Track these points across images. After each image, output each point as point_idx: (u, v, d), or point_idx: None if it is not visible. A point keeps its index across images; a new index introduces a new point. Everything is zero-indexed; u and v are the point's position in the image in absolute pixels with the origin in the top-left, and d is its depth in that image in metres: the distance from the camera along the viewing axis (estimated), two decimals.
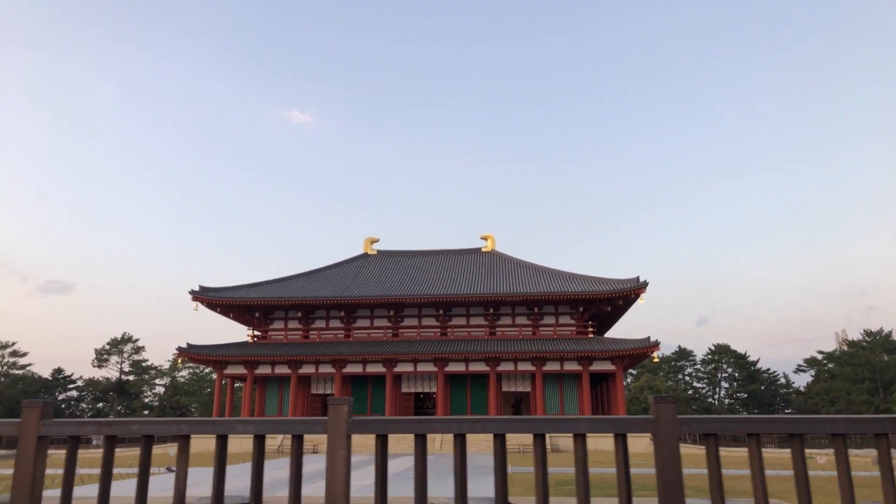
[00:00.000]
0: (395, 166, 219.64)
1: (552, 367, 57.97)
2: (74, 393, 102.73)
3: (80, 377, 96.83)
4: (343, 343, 61.70)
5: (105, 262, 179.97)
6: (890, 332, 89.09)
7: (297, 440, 3.65)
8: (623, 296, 57.89)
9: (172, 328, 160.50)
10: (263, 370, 60.67)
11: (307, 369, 60.29)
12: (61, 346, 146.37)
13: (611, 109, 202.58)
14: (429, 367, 58.91)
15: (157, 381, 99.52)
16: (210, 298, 60.40)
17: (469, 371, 58.92)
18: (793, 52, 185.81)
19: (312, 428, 3.61)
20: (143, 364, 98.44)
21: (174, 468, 3.93)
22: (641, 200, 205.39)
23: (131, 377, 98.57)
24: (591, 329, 61.24)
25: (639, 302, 58.26)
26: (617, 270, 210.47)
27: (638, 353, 56.94)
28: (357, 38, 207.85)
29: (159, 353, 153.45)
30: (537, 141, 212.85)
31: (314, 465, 19.62)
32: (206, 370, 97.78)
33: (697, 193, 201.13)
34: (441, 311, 62.30)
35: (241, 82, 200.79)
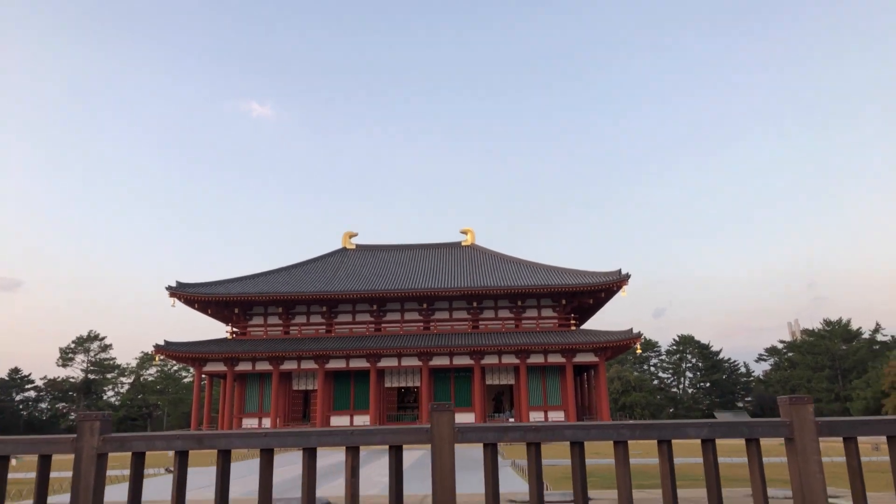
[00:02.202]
0: (366, 161, 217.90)
1: (536, 359, 58.30)
2: (33, 393, 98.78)
3: (45, 377, 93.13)
4: (325, 338, 60.91)
5: (58, 260, 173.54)
6: (849, 322, 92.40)
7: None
8: (606, 288, 58.54)
9: (136, 327, 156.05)
10: (244, 367, 59.48)
11: (289, 365, 59.36)
12: (15, 346, 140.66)
13: (570, 98, 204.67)
14: (413, 362, 58.67)
15: (122, 379, 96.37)
16: (188, 294, 58.75)
17: (453, 365, 58.88)
18: (766, 37, 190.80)
19: (778, 430, 3.36)
20: (108, 363, 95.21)
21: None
22: (599, 197, 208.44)
23: (93, 376, 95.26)
24: (573, 321, 61.75)
25: (620, 294, 59.06)
26: (572, 264, 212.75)
27: (621, 345, 57.71)
28: (313, 29, 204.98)
29: (124, 352, 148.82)
30: (509, 133, 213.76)
31: (331, 459, 18.79)
32: (175, 369, 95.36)
33: (651, 190, 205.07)
34: (424, 306, 62.00)
35: (193, 74, 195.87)
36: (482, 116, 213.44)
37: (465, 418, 58.22)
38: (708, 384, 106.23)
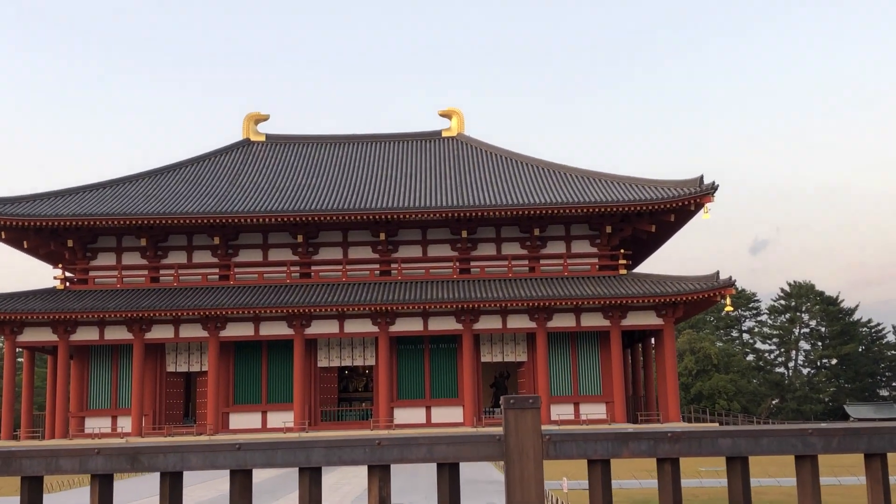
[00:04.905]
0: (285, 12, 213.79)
1: (562, 321, 59.11)
2: None
3: None
4: (219, 287, 61.26)
5: None
6: None
7: None
8: (678, 206, 58.67)
9: None
10: (85, 334, 59.96)
11: (160, 332, 59.90)
12: None
13: None
14: (363, 327, 59.30)
15: None
16: None
17: (429, 331, 59.76)
18: None
19: None
20: None
21: None
22: (650, 68, 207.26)
23: None
24: (622, 262, 62.33)
25: (701, 216, 59.42)
26: (612, 168, 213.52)
27: (700, 299, 58.40)
28: None
29: None
30: None
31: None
32: None
33: (735, 53, 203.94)
34: (381, 236, 62.10)
35: None
36: None
37: (446, 414, 59.23)
38: (835, 360, 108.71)
